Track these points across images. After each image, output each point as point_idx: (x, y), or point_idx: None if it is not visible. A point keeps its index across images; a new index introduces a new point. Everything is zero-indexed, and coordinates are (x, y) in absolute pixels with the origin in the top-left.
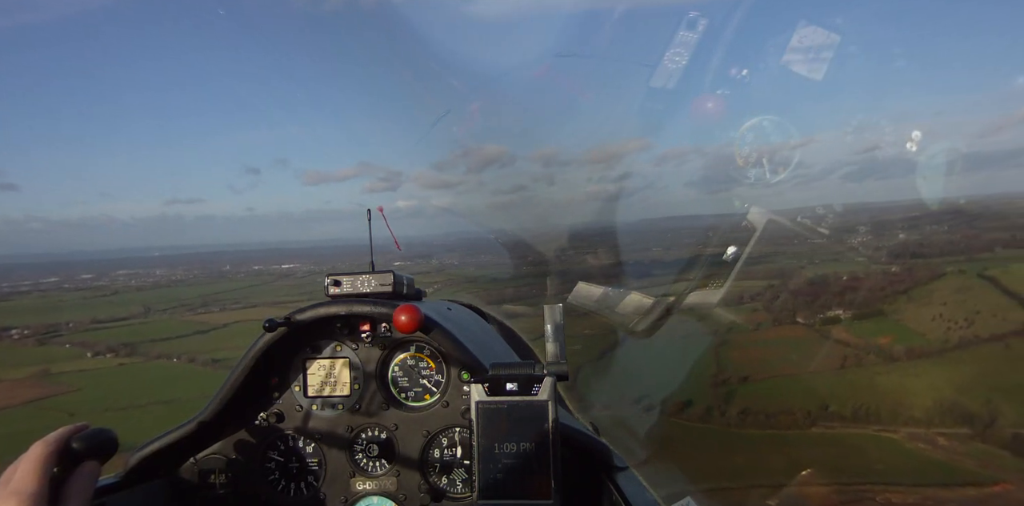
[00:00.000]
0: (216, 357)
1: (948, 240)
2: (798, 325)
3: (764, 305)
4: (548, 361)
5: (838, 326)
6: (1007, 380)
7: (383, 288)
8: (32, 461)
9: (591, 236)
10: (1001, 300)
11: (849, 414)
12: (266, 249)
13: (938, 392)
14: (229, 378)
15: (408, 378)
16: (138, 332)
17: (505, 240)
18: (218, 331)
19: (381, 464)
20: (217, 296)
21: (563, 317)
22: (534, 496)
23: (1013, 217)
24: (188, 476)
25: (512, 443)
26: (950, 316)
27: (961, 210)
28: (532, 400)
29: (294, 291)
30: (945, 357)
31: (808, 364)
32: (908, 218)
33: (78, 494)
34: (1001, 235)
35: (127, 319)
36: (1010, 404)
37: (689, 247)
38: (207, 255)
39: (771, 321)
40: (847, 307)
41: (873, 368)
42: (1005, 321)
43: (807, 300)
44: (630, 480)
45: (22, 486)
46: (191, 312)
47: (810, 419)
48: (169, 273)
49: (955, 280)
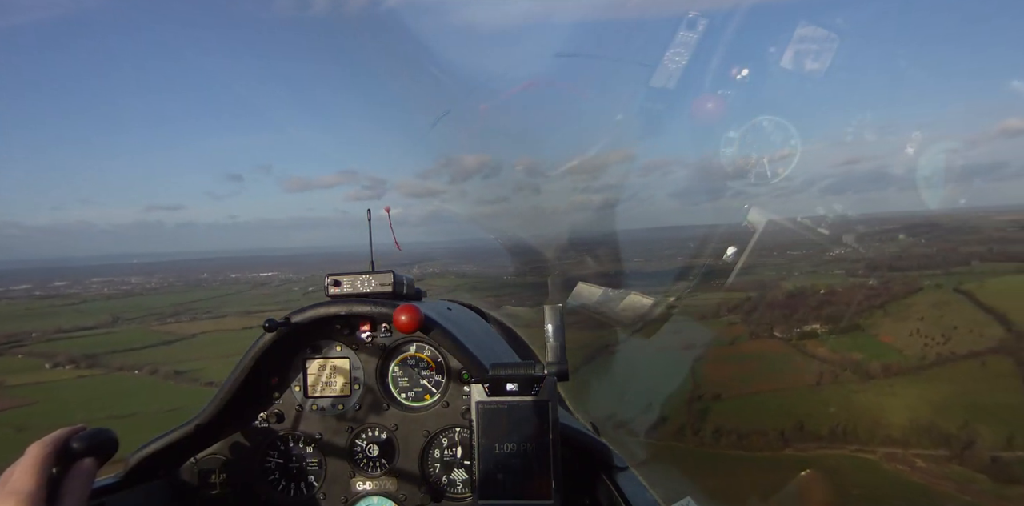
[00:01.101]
0: (179, 369)
1: (925, 253)
2: (775, 339)
3: (741, 318)
4: (548, 361)
5: (815, 341)
6: (984, 400)
7: (383, 288)
8: (30, 461)
9: (579, 245)
10: (978, 315)
11: (825, 433)
12: (246, 257)
13: (915, 411)
14: (229, 378)
15: (408, 378)
16: (102, 342)
17: (505, 242)
18: (184, 342)
19: (381, 464)
20: (189, 305)
21: (563, 317)
22: (534, 496)
23: (988, 231)
24: (188, 476)
25: (512, 443)
26: (927, 332)
27: (937, 223)
28: (532, 400)
29: (267, 300)
30: (922, 375)
31: (784, 380)
32: (885, 231)
33: (74, 492)
34: (977, 249)
35: (93, 328)
36: (987, 425)
37: (670, 258)
38: (186, 263)
39: (748, 335)
40: (824, 321)
41: (849, 385)
42: (982, 337)
43: (784, 313)
44: (630, 480)
45: (20, 486)
46: (160, 322)
47: (783, 440)
48: (145, 281)
49: (932, 295)
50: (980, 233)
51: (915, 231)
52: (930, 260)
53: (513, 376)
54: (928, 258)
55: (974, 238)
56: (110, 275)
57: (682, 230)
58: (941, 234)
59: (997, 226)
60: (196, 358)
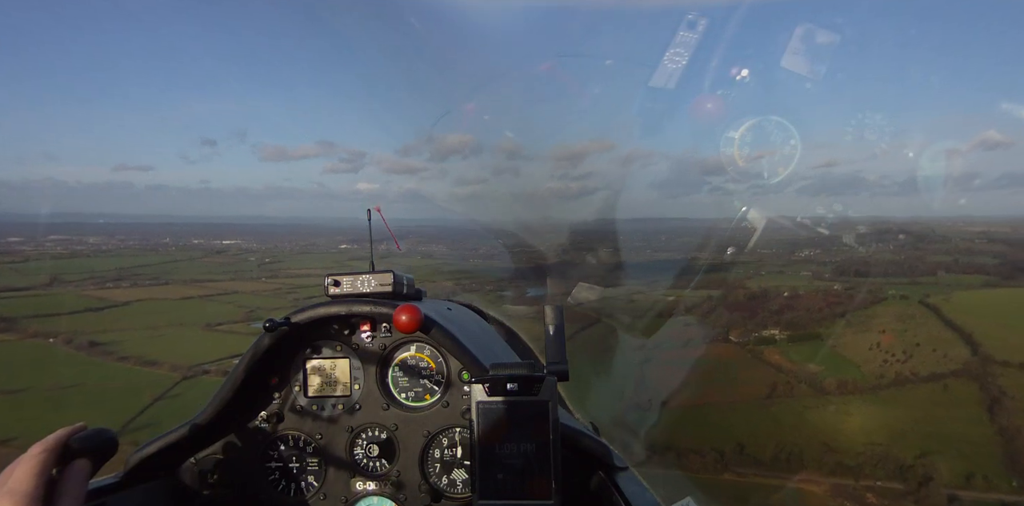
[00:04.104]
0: (96, 339)
1: (892, 260)
2: (730, 344)
3: (698, 319)
4: (548, 361)
5: (771, 348)
6: (944, 429)
7: (383, 288)
8: (29, 461)
9: (555, 232)
10: (943, 333)
11: (767, 458)
12: (215, 224)
13: (870, 435)
14: (229, 378)
15: (408, 378)
16: (27, 305)
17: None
18: (115, 310)
19: (381, 464)
20: (135, 270)
21: (563, 317)
22: (534, 496)
23: (956, 241)
24: (188, 476)
25: (512, 443)
26: (888, 347)
27: (906, 230)
28: (532, 400)
29: (217, 269)
30: (880, 395)
31: (735, 391)
32: (856, 235)
33: (69, 492)
34: (944, 259)
35: (26, 289)
36: (946, 459)
37: (638, 251)
38: (153, 226)
39: (702, 337)
40: (784, 327)
41: (803, 400)
42: (945, 358)
43: (743, 316)
44: (630, 480)
45: (17, 486)
46: (97, 286)
47: (723, 462)
48: (104, 241)
49: (896, 306)
50: (948, 243)
51: (884, 237)
52: (898, 267)
53: (513, 376)
54: (896, 265)
55: (942, 247)
56: (70, 233)
57: (659, 222)
58: (910, 241)
59: (965, 236)
60: (119, 329)
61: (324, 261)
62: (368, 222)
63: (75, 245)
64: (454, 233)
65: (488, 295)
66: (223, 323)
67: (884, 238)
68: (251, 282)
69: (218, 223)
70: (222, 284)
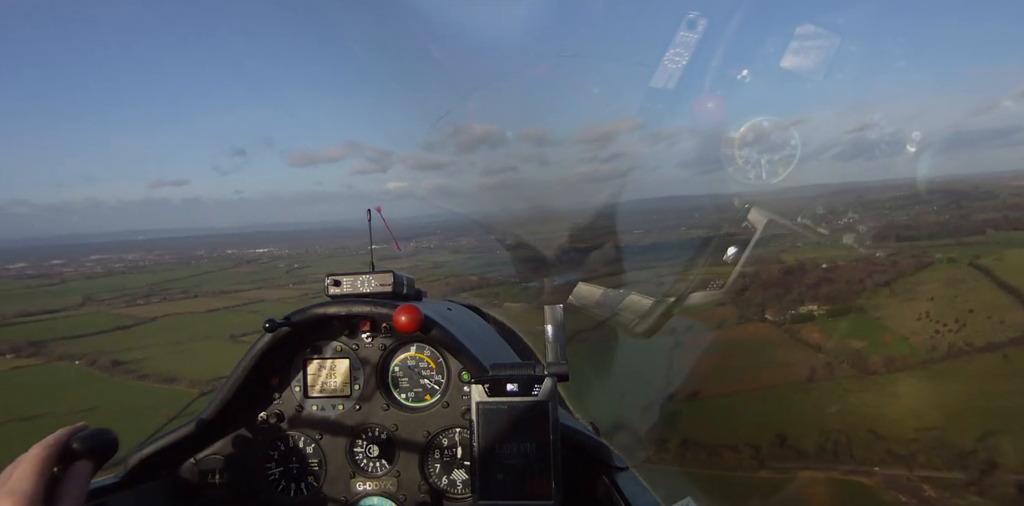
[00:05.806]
0: (118, 358)
1: (936, 221)
2: (766, 322)
3: (731, 298)
4: (548, 361)
5: (810, 325)
6: (1006, 404)
7: (383, 288)
8: (30, 461)
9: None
10: (997, 296)
11: (811, 449)
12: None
13: (923, 419)
14: (229, 378)
15: (408, 378)
16: (57, 327)
17: (487, 224)
18: (143, 327)
19: (381, 464)
20: (166, 284)
21: (563, 317)
22: (534, 496)
23: (1004, 196)
24: (188, 476)
25: (512, 443)
26: (938, 316)
27: (949, 189)
28: (532, 401)
29: (245, 279)
30: (931, 370)
31: (771, 375)
32: (895, 198)
33: (70, 492)
34: (992, 216)
35: (59, 311)
36: (1012, 440)
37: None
38: (189, 239)
39: (736, 317)
40: (822, 302)
41: (846, 383)
42: (1002, 324)
43: (778, 293)
44: (630, 480)
45: (18, 486)
46: (128, 303)
47: (758, 458)
48: (141, 258)
49: (944, 270)
50: (995, 199)
51: (926, 198)
52: (942, 228)
53: (513, 376)
54: (940, 226)
55: (988, 204)
56: (111, 252)
57: (689, 200)
58: (953, 199)
59: (1012, 192)
60: (143, 346)
61: (352, 263)
62: (368, 223)
63: (114, 263)
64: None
65: (513, 288)
66: (247, 334)
67: (927, 199)
68: (278, 289)
69: (251, 232)
70: (248, 294)
